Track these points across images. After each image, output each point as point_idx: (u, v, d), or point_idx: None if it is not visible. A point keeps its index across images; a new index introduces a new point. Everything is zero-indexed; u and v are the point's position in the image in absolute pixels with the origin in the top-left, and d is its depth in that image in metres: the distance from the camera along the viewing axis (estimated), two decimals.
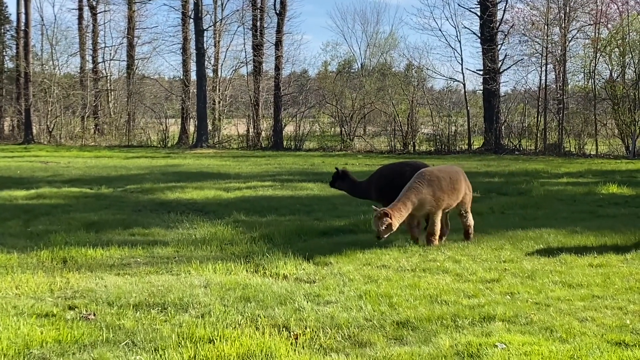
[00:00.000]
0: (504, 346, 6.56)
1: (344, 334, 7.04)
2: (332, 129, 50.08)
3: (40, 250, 11.07)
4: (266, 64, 49.42)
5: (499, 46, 43.80)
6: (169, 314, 7.69)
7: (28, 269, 9.90)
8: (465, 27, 54.70)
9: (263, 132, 47.27)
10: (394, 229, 11.23)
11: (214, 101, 48.94)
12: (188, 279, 9.38)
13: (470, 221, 12.48)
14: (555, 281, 9.22)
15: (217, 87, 49.66)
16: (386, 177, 13.42)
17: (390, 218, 11.05)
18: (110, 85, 55.23)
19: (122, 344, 6.74)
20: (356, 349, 6.64)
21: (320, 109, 49.51)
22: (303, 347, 6.67)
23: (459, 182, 12.18)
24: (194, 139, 46.95)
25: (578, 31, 42.60)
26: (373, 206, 11.78)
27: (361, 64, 60.67)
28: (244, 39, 50.89)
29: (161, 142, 48.44)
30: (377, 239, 11.22)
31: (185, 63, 51.38)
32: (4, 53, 57.52)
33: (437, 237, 11.78)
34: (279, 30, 47.97)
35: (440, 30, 71.29)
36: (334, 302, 8.21)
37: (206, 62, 47.51)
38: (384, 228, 11.05)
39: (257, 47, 48.15)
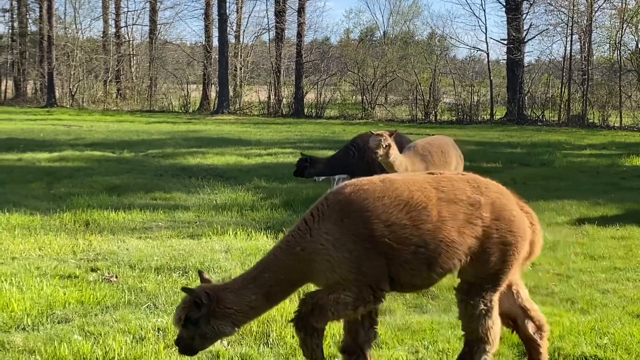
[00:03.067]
0: None
1: None
2: (354, 97, 49.82)
3: (63, 212, 11.16)
4: (288, 30, 49.22)
5: (524, 15, 43.27)
6: (190, 278, 7.75)
7: (51, 231, 9.99)
8: None
9: (284, 99, 47.12)
10: None
11: (236, 67, 48.77)
12: (209, 243, 9.44)
13: None
14: (577, 253, 9.19)
15: (239, 54, 49.45)
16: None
17: None
18: (132, 50, 55.19)
19: (144, 306, 6.81)
20: None
21: (342, 76, 49.22)
22: None
23: (450, 155, 11.32)
24: (215, 105, 46.94)
25: (604, 1, 41.90)
26: None
27: (384, 32, 60.10)
28: (267, 5, 50.88)
29: (182, 108, 48.44)
30: None
31: (207, 29, 51.23)
32: (28, 16, 57.57)
33: None
34: None
35: None
36: None
37: (228, 28, 47.31)
38: None
39: (280, 14, 47.86)
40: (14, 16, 57.70)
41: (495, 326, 5.06)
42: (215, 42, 49.96)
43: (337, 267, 4.80)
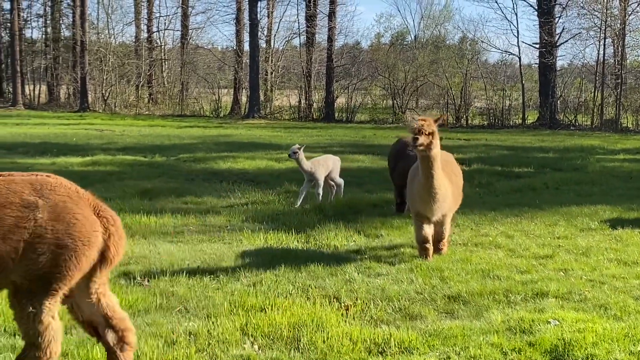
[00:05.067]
0: (557, 323, 6.48)
1: (395, 307, 7.04)
2: (384, 101, 49.74)
3: None
4: (319, 35, 49.35)
5: (557, 19, 42.96)
6: (221, 282, 7.77)
7: None
8: None
9: (315, 104, 47.22)
10: None
11: (267, 72, 48.95)
12: (240, 247, 9.46)
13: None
14: (610, 258, 9.08)
15: (270, 58, 49.63)
16: (402, 157, 11.65)
17: None
18: (164, 55, 55.61)
19: (175, 310, 6.84)
20: (407, 322, 6.63)
21: (373, 81, 49.20)
22: (354, 318, 6.69)
23: (459, 169, 9.85)
24: (246, 110, 47.11)
25: (638, 4, 41.46)
26: None
27: (415, 36, 59.96)
28: (297, 10, 50.84)
29: (214, 112, 48.72)
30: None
31: (238, 33, 51.50)
32: (61, 21, 58.37)
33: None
34: (332, 1, 47.73)
35: (496, 2, 69.91)
36: (385, 274, 8.20)
37: (259, 33, 47.52)
38: None
39: (310, 18, 47.99)
40: (48, 22, 58.64)
41: (48, 334, 4.79)
42: (246, 47, 50.28)
43: None
